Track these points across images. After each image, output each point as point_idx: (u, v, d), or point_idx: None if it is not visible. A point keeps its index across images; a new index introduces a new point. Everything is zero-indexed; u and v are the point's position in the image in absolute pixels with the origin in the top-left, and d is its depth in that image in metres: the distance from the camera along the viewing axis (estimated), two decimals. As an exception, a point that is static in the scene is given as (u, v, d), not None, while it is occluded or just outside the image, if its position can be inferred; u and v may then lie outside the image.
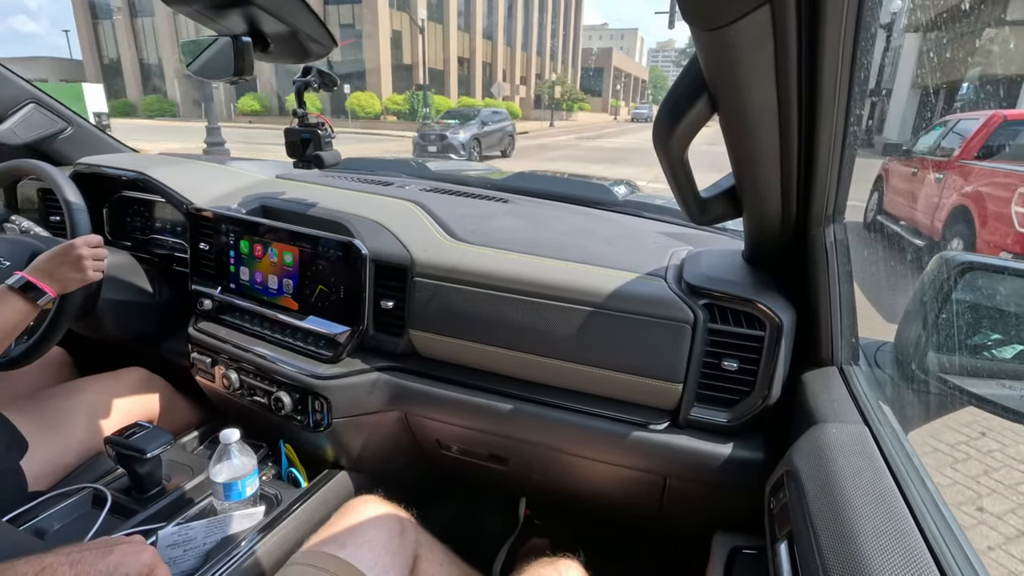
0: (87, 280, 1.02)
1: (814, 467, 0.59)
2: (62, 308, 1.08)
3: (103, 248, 1.05)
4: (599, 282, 0.88)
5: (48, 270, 0.98)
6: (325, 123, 1.12)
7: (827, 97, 0.51)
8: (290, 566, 0.79)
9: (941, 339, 0.81)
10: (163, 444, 0.99)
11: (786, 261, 0.82)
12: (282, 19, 0.83)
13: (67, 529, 0.96)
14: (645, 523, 1.15)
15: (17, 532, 0.84)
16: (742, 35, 0.42)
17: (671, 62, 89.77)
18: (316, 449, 1.12)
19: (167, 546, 0.87)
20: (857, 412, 0.67)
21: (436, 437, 1.10)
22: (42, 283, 0.96)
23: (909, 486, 0.54)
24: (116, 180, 1.40)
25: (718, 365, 0.84)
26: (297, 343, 1.08)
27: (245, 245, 1.13)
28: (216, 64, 0.92)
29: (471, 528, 1.44)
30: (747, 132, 0.57)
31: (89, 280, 1.02)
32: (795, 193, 0.67)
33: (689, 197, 0.72)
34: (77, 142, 1.56)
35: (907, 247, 4.58)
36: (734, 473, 0.85)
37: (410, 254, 1.00)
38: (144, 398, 1.26)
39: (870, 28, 0.46)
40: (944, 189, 4.31)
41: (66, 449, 1.09)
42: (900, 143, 5.87)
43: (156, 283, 1.34)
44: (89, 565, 0.51)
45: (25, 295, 0.94)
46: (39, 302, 0.96)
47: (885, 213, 5.37)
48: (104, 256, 1.05)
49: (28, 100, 1.44)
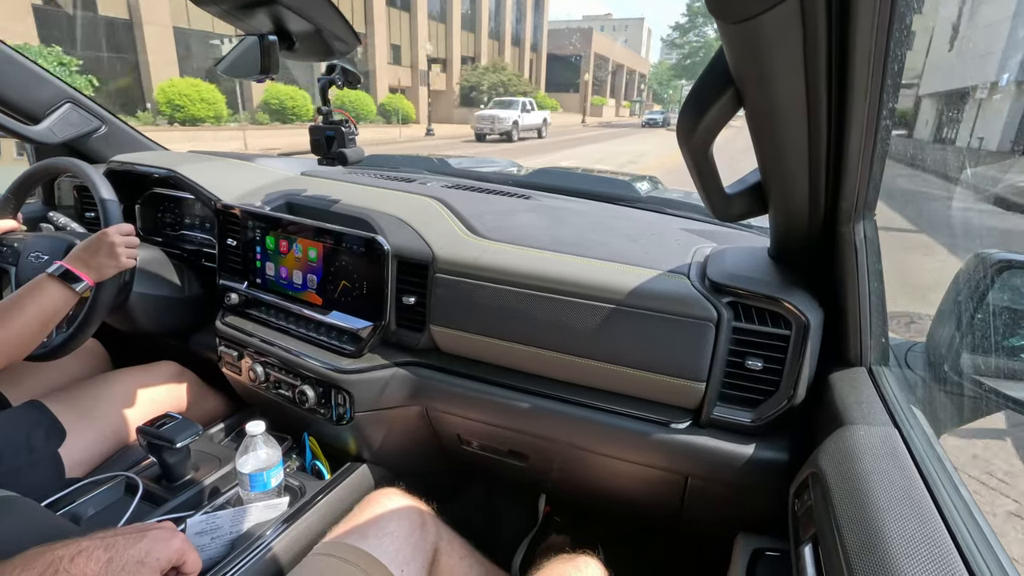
0: (121, 267, 1.06)
1: (841, 469, 0.58)
2: (97, 299, 1.12)
3: (134, 236, 1.09)
4: (621, 279, 0.87)
5: (84, 259, 1.02)
6: (349, 121, 1.14)
7: (858, 90, 0.49)
8: (313, 556, 0.81)
9: (976, 340, 0.78)
10: (192, 435, 1.02)
11: (813, 259, 0.80)
12: (307, 18, 0.84)
13: (101, 515, 0.99)
14: (665, 522, 1.14)
15: (55, 517, 0.87)
16: (769, 27, 0.41)
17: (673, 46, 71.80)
18: (339, 442, 1.14)
19: (195, 534, 0.89)
20: (886, 414, 0.66)
21: (457, 432, 1.11)
22: (80, 271, 1.00)
23: (940, 491, 0.52)
24: (148, 177, 1.44)
25: (742, 364, 0.83)
26: (321, 337, 1.09)
27: (271, 241, 1.15)
28: (244, 63, 0.94)
29: (490, 523, 1.45)
30: (774, 127, 0.56)
31: (123, 267, 1.06)
32: (823, 189, 0.65)
33: (713, 193, 0.71)
34: (111, 140, 1.61)
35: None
36: (757, 474, 0.84)
37: (432, 250, 1.00)
38: (175, 390, 1.30)
39: (905, 18, 0.44)
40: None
41: (100, 438, 1.13)
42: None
43: (185, 278, 1.38)
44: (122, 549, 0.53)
45: (64, 283, 0.98)
46: (78, 289, 1.00)
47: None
48: (136, 244, 1.09)
49: (65, 100, 1.49)
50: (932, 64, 12.22)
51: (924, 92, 13.71)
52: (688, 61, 34.27)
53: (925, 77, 12.96)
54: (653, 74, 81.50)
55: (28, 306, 0.94)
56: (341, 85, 1.08)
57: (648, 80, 78.14)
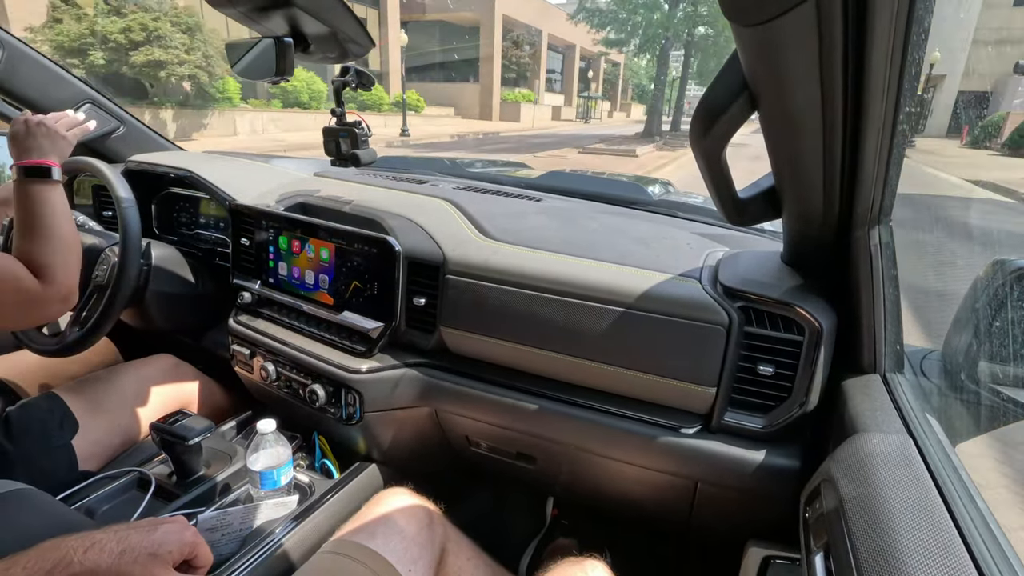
0: (70, 139, 1.02)
1: (853, 477, 0.57)
2: (114, 296, 1.14)
3: (67, 116, 1.05)
4: (632, 282, 0.87)
5: (29, 149, 0.96)
6: (362, 122, 1.14)
7: (875, 94, 0.49)
8: (321, 554, 0.81)
9: (994, 348, 0.77)
10: (204, 432, 1.03)
11: (827, 264, 0.80)
12: (323, 20, 0.85)
13: (114, 510, 1.00)
14: (674, 528, 1.13)
15: (70, 511, 0.88)
16: (785, 31, 0.41)
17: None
18: (348, 441, 1.15)
19: (206, 530, 0.90)
20: (901, 422, 0.65)
21: (465, 433, 1.11)
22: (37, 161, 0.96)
23: (956, 502, 0.51)
24: (164, 177, 1.46)
25: (753, 369, 0.82)
26: (332, 337, 1.10)
27: (284, 240, 1.16)
28: (259, 65, 0.95)
29: (498, 524, 1.45)
30: (789, 130, 0.56)
31: (71, 138, 1.02)
32: (839, 193, 0.64)
33: (726, 197, 0.70)
34: (129, 140, 1.63)
35: None
36: (768, 480, 0.83)
37: (443, 252, 1.01)
38: (185, 386, 1.31)
39: (923, 21, 0.44)
40: None
41: (112, 431, 1.14)
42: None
43: (200, 276, 1.39)
44: (135, 542, 0.53)
45: (38, 180, 0.94)
46: (55, 178, 0.96)
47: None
48: (75, 123, 1.05)
49: (85, 100, 1.52)
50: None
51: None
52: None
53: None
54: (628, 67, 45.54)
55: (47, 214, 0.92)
56: (355, 87, 1.09)
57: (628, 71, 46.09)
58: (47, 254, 0.90)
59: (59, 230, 0.93)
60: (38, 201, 0.93)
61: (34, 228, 0.92)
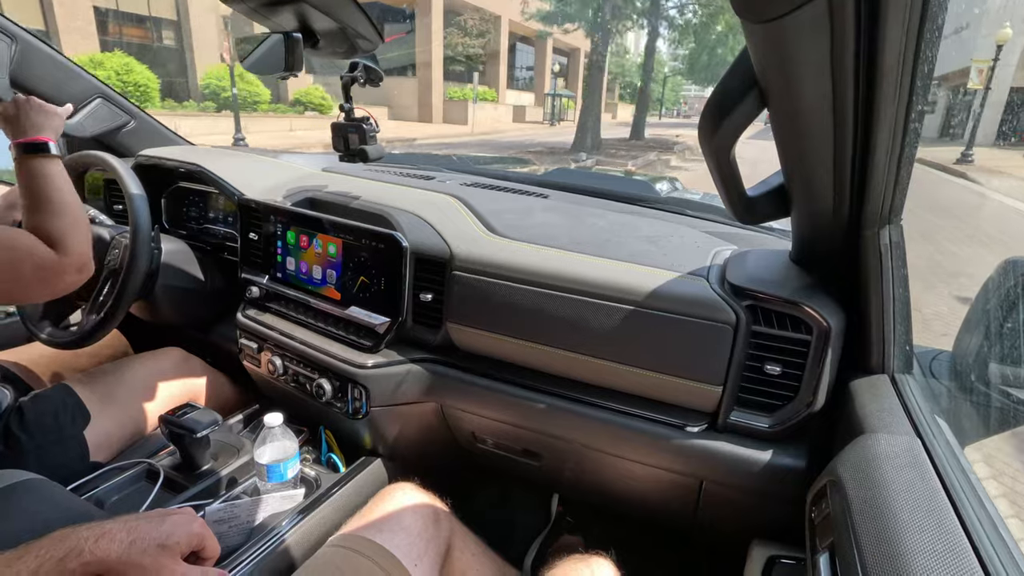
0: (60, 114, 1.03)
1: (860, 478, 0.57)
2: (124, 288, 1.15)
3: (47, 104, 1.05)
4: (639, 280, 0.87)
5: (24, 127, 0.97)
6: (370, 118, 1.15)
7: (887, 92, 0.48)
8: (327, 548, 0.82)
9: (1005, 349, 0.76)
10: (212, 425, 1.04)
11: (836, 263, 0.79)
12: (332, 16, 0.85)
13: (124, 501, 1.02)
14: (679, 526, 1.13)
15: (81, 501, 0.90)
16: (796, 27, 0.41)
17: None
18: (354, 436, 1.15)
19: (213, 521, 0.91)
20: (909, 423, 0.64)
21: (471, 430, 1.11)
22: (34, 137, 0.97)
23: (964, 504, 0.51)
24: (174, 171, 1.47)
25: (760, 369, 0.81)
26: (339, 332, 1.11)
27: (292, 235, 1.16)
28: (268, 60, 0.95)
29: (503, 521, 1.45)
30: (799, 128, 0.55)
31: (61, 113, 1.03)
32: (849, 192, 0.64)
33: (735, 195, 0.70)
34: (139, 135, 1.65)
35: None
36: (773, 480, 0.82)
37: (449, 248, 1.01)
38: (192, 379, 1.33)
39: (937, 18, 0.43)
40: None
41: (122, 423, 1.16)
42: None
43: (208, 271, 1.40)
44: (145, 532, 0.54)
45: (38, 155, 0.96)
46: (54, 152, 0.97)
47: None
48: (55, 111, 1.04)
49: (96, 95, 1.53)
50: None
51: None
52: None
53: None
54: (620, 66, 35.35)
55: (51, 188, 0.93)
56: (364, 83, 1.09)
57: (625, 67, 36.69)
58: (58, 227, 0.92)
59: (65, 202, 0.95)
60: (40, 176, 0.94)
61: (41, 203, 0.93)
